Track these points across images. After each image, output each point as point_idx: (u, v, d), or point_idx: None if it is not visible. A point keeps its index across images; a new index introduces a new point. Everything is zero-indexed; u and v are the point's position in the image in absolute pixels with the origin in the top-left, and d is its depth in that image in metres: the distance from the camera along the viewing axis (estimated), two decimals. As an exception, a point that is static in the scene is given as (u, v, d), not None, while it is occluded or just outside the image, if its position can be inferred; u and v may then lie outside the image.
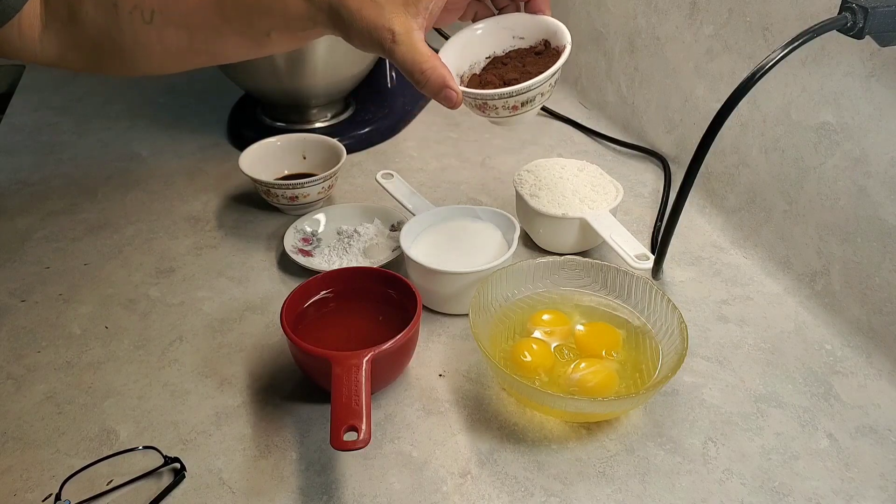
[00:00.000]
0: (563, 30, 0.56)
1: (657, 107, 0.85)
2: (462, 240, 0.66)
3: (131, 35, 0.56)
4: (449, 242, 0.66)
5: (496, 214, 0.67)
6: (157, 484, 0.49)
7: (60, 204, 0.80)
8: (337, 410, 0.46)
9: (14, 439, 0.52)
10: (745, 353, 0.59)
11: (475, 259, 0.63)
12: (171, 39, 0.57)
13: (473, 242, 0.66)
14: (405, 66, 0.53)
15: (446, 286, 0.61)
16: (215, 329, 0.62)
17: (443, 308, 0.63)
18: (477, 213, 0.68)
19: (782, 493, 0.48)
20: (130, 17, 0.56)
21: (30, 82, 1.10)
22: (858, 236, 0.58)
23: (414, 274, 0.63)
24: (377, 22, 0.52)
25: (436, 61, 0.53)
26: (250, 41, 0.57)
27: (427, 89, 0.54)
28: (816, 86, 0.61)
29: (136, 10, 0.56)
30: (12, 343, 0.61)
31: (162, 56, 0.58)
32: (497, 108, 0.55)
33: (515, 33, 0.59)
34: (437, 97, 0.54)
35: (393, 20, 0.52)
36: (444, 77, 0.53)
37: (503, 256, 0.61)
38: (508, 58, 0.60)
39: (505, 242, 0.65)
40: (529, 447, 0.51)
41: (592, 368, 0.54)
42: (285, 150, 0.80)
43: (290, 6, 0.54)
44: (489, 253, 0.64)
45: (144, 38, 0.57)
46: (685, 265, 0.69)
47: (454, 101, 0.53)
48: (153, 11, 0.56)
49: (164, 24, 0.56)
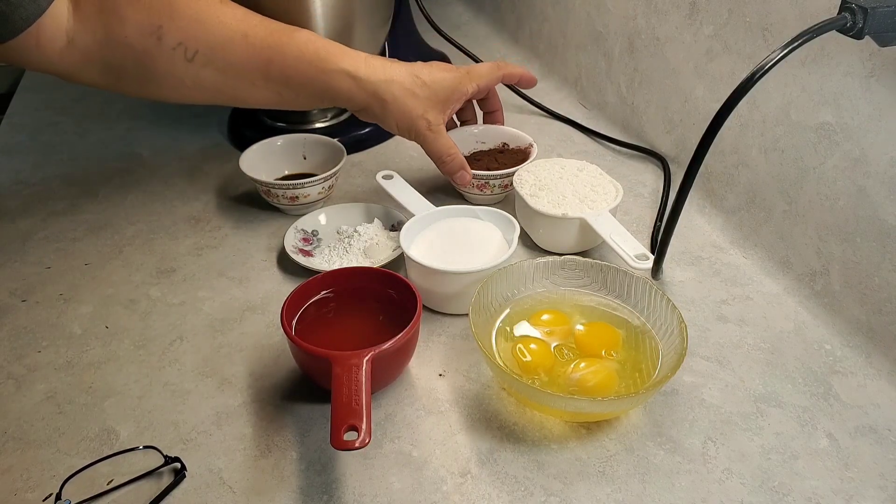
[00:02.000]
0: (521, 133, 0.80)
1: (657, 107, 0.85)
2: (462, 239, 0.66)
3: (168, 68, 0.59)
4: (449, 242, 0.66)
5: (496, 214, 0.67)
6: (158, 484, 0.49)
7: (61, 204, 0.80)
8: (337, 410, 0.46)
9: (14, 439, 0.52)
10: (745, 352, 0.59)
11: (475, 259, 0.63)
12: (206, 79, 0.61)
13: (473, 242, 0.66)
14: (436, 150, 0.68)
15: (446, 286, 0.61)
16: (216, 329, 0.62)
17: (443, 308, 0.63)
18: (477, 213, 0.68)
19: (782, 493, 0.48)
20: (173, 52, 0.58)
21: (30, 82, 1.10)
22: (858, 236, 0.59)
23: (414, 274, 0.63)
24: (417, 111, 0.66)
25: (457, 148, 0.70)
26: (277, 96, 0.64)
27: (448, 168, 0.70)
28: (816, 86, 0.61)
29: (181, 48, 0.58)
30: (13, 343, 0.61)
31: (189, 91, 0.62)
32: (494, 186, 0.75)
33: (478, 139, 0.81)
34: (453, 175, 0.71)
35: (429, 112, 0.66)
36: (463, 162, 0.70)
37: (503, 256, 0.61)
38: (480, 155, 0.80)
39: (505, 242, 0.65)
40: (529, 447, 0.51)
41: (592, 368, 0.54)
42: (286, 150, 0.80)
43: (335, 80, 0.62)
44: (489, 253, 0.64)
45: (181, 73, 0.60)
46: (685, 265, 0.69)
47: (468, 179, 0.71)
48: (197, 52, 0.59)
49: (204, 65, 0.60)
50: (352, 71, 0.62)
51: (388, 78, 0.64)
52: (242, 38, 0.60)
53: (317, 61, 0.62)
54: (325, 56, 0.62)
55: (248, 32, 0.60)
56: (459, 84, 0.68)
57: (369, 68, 0.63)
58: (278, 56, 0.61)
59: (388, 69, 0.64)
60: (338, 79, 0.62)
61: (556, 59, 1.06)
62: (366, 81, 0.63)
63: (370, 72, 0.63)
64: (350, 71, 0.62)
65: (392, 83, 0.64)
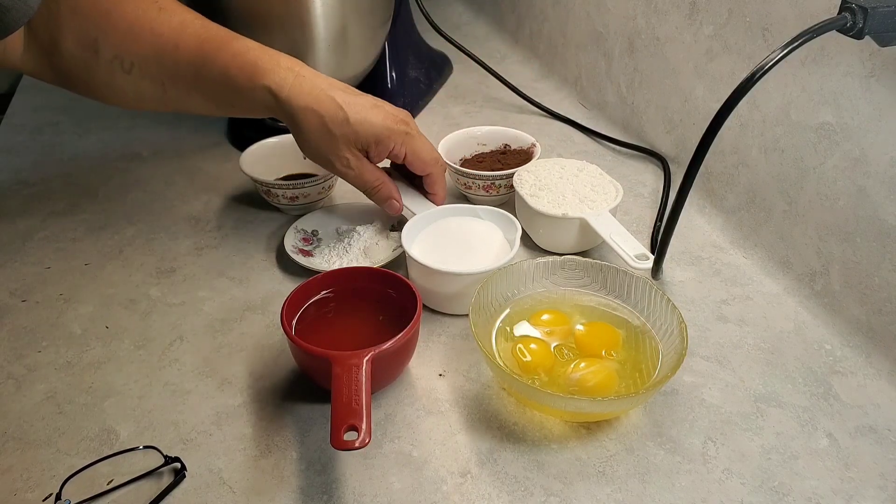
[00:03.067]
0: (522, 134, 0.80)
1: (657, 107, 0.85)
2: (463, 239, 0.66)
3: (108, 79, 0.58)
4: (450, 242, 0.65)
5: (497, 214, 0.67)
6: (158, 483, 0.49)
7: (61, 204, 0.80)
8: (337, 410, 0.46)
9: (14, 439, 0.52)
10: (745, 352, 0.59)
11: (477, 259, 0.63)
12: (145, 90, 0.60)
13: (475, 242, 0.65)
14: (361, 185, 0.64)
15: (447, 286, 0.61)
16: (216, 329, 0.62)
17: (444, 308, 0.63)
18: (478, 213, 0.68)
19: (782, 493, 0.48)
20: (110, 65, 0.57)
21: (30, 82, 1.10)
22: (858, 236, 0.59)
23: (415, 273, 0.63)
24: (332, 149, 0.61)
25: (383, 177, 0.65)
26: (215, 107, 0.62)
27: (377, 199, 0.66)
28: (816, 86, 0.61)
29: (117, 60, 0.57)
30: (13, 343, 0.61)
31: (133, 100, 0.61)
32: (500, 186, 0.75)
33: (480, 141, 0.82)
34: (383, 205, 0.67)
35: (345, 150, 0.61)
36: (391, 190, 0.65)
37: (505, 258, 0.61)
38: (482, 157, 0.81)
39: (507, 242, 0.65)
40: (529, 447, 0.51)
41: (592, 368, 0.54)
42: (286, 150, 0.80)
43: (257, 96, 0.59)
44: (491, 253, 0.64)
45: (120, 83, 0.59)
46: (685, 265, 0.69)
47: (398, 208, 0.67)
48: (133, 64, 0.58)
49: (142, 77, 0.59)
50: (274, 89, 0.58)
51: (307, 105, 0.58)
52: (174, 49, 0.58)
53: (241, 76, 0.58)
54: (251, 71, 0.58)
55: (180, 43, 0.58)
56: (387, 138, 0.61)
57: (294, 89, 0.58)
58: (205, 69, 0.58)
59: (315, 93, 0.58)
60: (259, 96, 0.59)
61: (556, 59, 1.06)
62: (285, 103, 0.58)
63: (293, 93, 0.58)
64: (272, 88, 0.58)
65: (310, 113, 0.58)
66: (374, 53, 0.91)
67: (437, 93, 1.07)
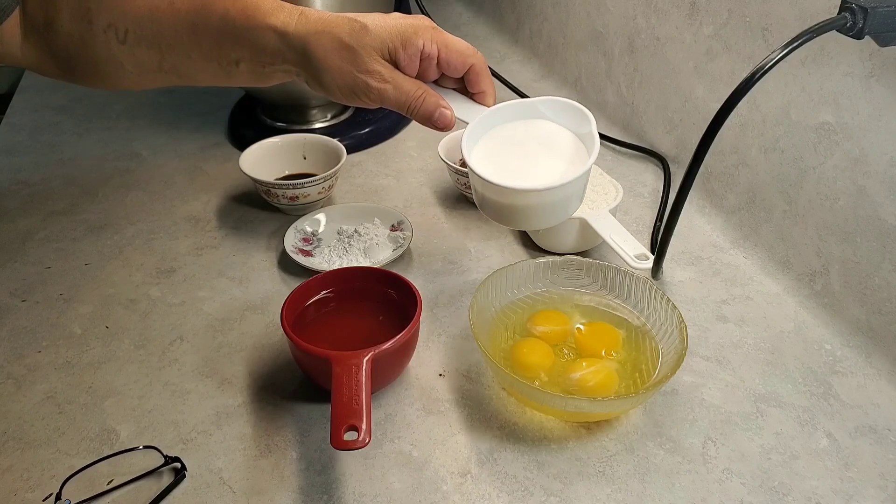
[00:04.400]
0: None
1: (657, 107, 0.85)
2: (533, 147, 0.55)
3: (105, 52, 0.56)
4: (518, 152, 0.55)
5: (561, 106, 0.56)
6: (158, 483, 0.49)
7: (61, 204, 0.80)
8: (337, 410, 0.46)
9: (15, 439, 0.52)
10: (745, 352, 0.59)
11: (553, 168, 0.54)
12: (142, 59, 0.57)
13: (544, 149, 0.55)
14: (399, 101, 0.54)
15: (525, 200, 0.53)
16: (216, 329, 0.62)
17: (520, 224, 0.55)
18: (539, 109, 0.56)
19: (782, 493, 0.48)
20: (105, 35, 0.56)
21: (30, 82, 1.10)
22: (858, 236, 0.59)
23: (487, 192, 0.54)
24: (357, 66, 0.52)
25: (423, 86, 0.54)
26: (218, 67, 0.56)
27: (421, 114, 0.55)
28: (816, 86, 0.61)
29: (111, 29, 0.55)
30: (13, 343, 0.61)
31: (134, 74, 0.58)
32: None
33: None
34: (431, 119, 0.55)
35: (372, 63, 0.52)
36: (437, 98, 0.54)
37: (588, 159, 0.52)
38: None
39: (576, 139, 0.55)
40: (529, 447, 0.51)
41: (592, 368, 0.54)
42: (286, 150, 0.80)
43: (262, 38, 0.54)
44: (566, 157, 0.54)
45: (117, 55, 0.57)
46: (685, 265, 0.69)
47: (449, 116, 0.55)
48: (127, 31, 0.55)
49: (137, 43, 0.56)
50: (280, 27, 0.52)
51: (319, 30, 0.52)
52: (168, 7, 0.54)
53: (242, 20, 0.53)
54: (253, 13, 0.53)
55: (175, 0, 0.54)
56: (414, 34, 0.53)
57: (301, 22, 0.53)
58: (203, 19, 0.54)
59: (324, 19, 0.53)
60: (265, 37, 0.53)
61: (556, 59, 1.06)
62: (293, 38, 0.52)
63: (300, 26, 0.52)
64: (278, 27, 0.52)
65: (323, 35, 0.52)
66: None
67: (437, 93, 1.06)
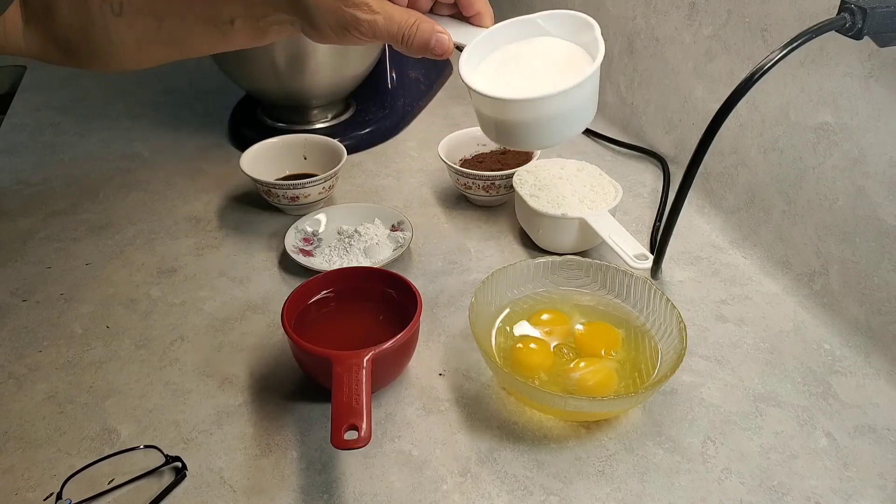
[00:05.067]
0: None
1: (656, 107, 0.85)
2: (534, 61, 0.54)
3: (103, 28, 0.56)
4: (520, 68, 0.54)
5: (560, 18, 0.53)
6: (159, 483, 0.49)
7: (62, 204, 0.80)
8: (337, 409, 0.46)
9: (15, 438, 0.52)
10: (744, 352, 0.59)
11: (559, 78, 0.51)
12: (140, 30, 0.56)
13: (548, 61, 0.53)
14: (391, 31, 0.52)
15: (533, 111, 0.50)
16: (216, 329, 0.62)
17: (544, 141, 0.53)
18: (539, 24, 0.54)
19: (781, 493, 0.48)
20: (101, 10, 0.56)
21: (31, 82, 1.10)
22: (857, 236, 0.59)
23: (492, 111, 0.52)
24: (348, 1, 0.51)
25: (416, 14, 0.53)
26: (213, 29, 0.56)
27: (417, 44, 0.53)
28: (815, 86, 0.61)
29: (106, 4, 0.56)
30: (14, 342, 0.61)
31: (133, 49, 0.58)
32: (500, 187, 0.74)
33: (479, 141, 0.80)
34: (428, 48, 0.53)
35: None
36: (432, 24, 0.53)
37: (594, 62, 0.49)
38: (482, 157, 0.80)
39: (580, 49, 0.53)
40: (529, 446, 0.51)
41: (592, 368, 0.54)
42: (286, 150, 0.80)
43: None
44: (573, 66, 0.52)
45: (115, 30, 0.56)
46: (684, 265, 0.69)
47: (447, 42, 0.53)
48: (122, 3, 0.56)
49: (134, 14, 0.56)
50: None
51: None
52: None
53: None
54: None
55: None
56: None
57: None
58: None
59: None
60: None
61: (556, 60, 1.06)
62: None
63: None
64: None
65: None
66: (374, 54, 0.91)
67: (437, 93, 1.07)
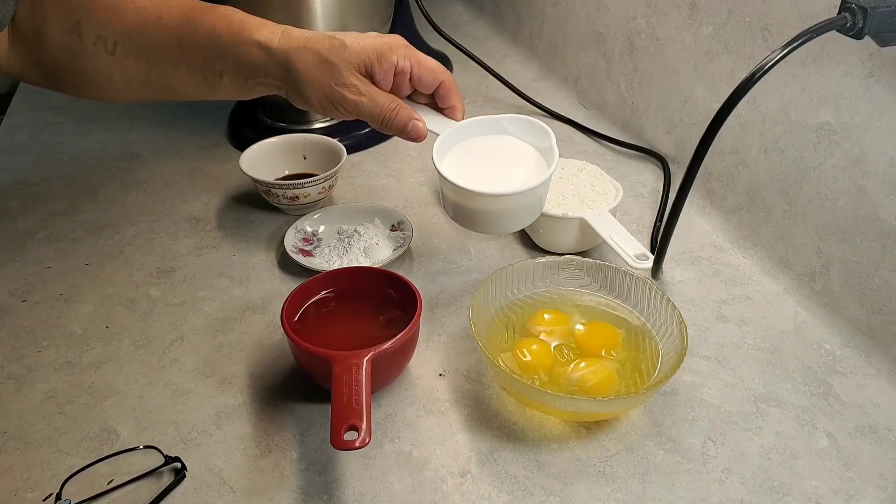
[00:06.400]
0: None
1: (657, 107, 0.85)
2: (498, 158, 0.60)
3: (93, 63, 0.58)
4: (484, 162, 0.60)
5: (525, 124, 0.61)
6: (158, 483, 0.49)
7: (61, 204, 0.80)
8: (337, 410, 0.46)
9: (15, 439, 0.52)
10: (745, 352, 0.59)
11: (517, 177, 0.58)
12: (130, 70, 0.58)
13: (509, 159, 0.60)
14: (374, 113, 0.58)
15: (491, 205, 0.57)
16: (216, 329, 0.62)
17: (487, 229, 0.59)
18: (504, 125, 0.61)
19: (782, 493, 0.48)
20: (94, 47, 0.57)
21: (30, 83, 1.10)
22: (858, 236, 0.59)
23: (456, 197, 0.58)
24: (334, 79, 0.57)
25: (396, 100, 0.58)
26: (202, 80, 0.59)
27: (396, 126, 0.59)
28: (816, 86, 0.61)
29: (101, 41, 0.57)
30: (13, 343, 0.61)
31: (120, 85, 0.59)
32: None
33: None
34: (405, 131, 0.59)
35: (349, 77, 0.57)
36: (410, 112, 0.59)
37: (549, 169, 0.56)
38: None
39: (537, 153, 0.60)
40: (529, 446, 0.51)
41: (592, 368, 0.54)
42: (286, 150, 0.80)
43: (247, 53, 0.57)
44: (528, 168, 0.59)
45: (106, 67, 0.58)
46: (685, 265, 0.69)
47: (421, 128, 0.59)
48: (116, 43, 0.57)
49: (126, 55, 0.58)
50: (264, 42, 0.56)
51: (301, 46, 0.56)
52: (156, 21, 0.57)
53: (228, 35, 0.57)
54: (238, 29, 0.57)
55: (162, 14, 0.57)
56: (389, 50, 0.58)
57: (284, 38, 0.57)
58: (190, 35, 0.57)
59: (306, 37, 0.57)
60: (249, 52, 0.57)
61: (556, 59, 1.06)
62: (277, 52, 0.56)
63: (283, 42, 0.57)
64: (262, 41, 0.56)
65: (304, 50, 0.56)
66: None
67: (437, 93, 1.07)
